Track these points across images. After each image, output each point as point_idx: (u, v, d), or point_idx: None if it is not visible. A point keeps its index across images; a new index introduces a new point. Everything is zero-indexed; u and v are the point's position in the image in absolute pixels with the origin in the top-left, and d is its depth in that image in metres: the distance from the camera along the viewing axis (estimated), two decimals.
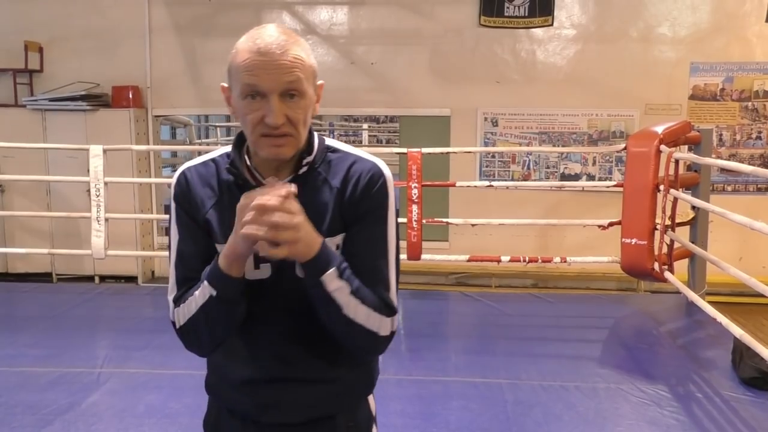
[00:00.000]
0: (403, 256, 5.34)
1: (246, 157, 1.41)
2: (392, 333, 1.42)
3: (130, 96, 6.79)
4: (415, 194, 5.20)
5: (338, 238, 1.39)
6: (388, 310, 1.40)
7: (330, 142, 1.47)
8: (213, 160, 1.46)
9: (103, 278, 6.74)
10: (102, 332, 4.52)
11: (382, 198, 1.42)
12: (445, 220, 5.68)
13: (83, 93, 6.67)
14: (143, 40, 6.84)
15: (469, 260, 5.49)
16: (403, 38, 6.77)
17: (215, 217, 1.40)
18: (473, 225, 5.66)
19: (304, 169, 1.40)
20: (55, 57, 6.99)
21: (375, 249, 1.41)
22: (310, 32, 6.79)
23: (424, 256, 5.32)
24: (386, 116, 12.92)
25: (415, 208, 5.21)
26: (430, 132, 6.73)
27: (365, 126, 15.11)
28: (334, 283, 1.31)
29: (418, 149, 5.24)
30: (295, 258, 1.29)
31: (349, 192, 1.40)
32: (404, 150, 5.40)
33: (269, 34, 1.33)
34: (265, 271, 1.41)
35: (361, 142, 15.39)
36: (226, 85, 1.40)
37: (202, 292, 1.35)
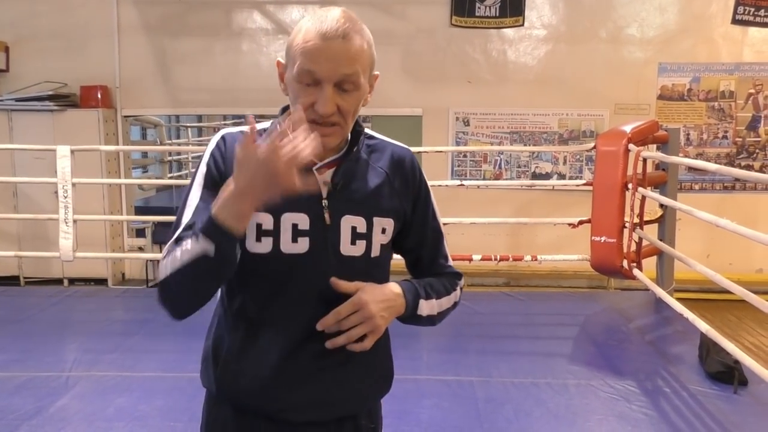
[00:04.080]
0: None
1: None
2: (462, 288, 1.60)
3: (99, 96, 6.69)
4: None
5: (386, 222, 1.42)
6: (456, 278, 1.59)
7: (365, 129, 1.48)
8: (252, 130, 1.28)
9: (72, 281, 6.64)
10: (71, 336, 4.46)
11: (425, 181, 1.53)
12: None
13: (51, 93, 6.57)
14: (112, 39, 6.75)
15: None
16: (375, 38, 6.67)
17: None
18: (444, 224, 5.66)
19: (355, 149, 1.41)
20: (22, 56, 6.87)
21: (434, 230, 1.56)
22: (281, 32, 6.77)
23: (396, 256, 5.31)
24: (359, 116, 12.94)
25: None
26: (402, 132, 6.73)
27: None
28: (425, 308, 1.45)
29: None
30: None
31: (400, 177, 1.46)
32: None
33: (335, 18, 1.28)
34: (302, 245, 1.35)
35: None
36: (282, 60, 1.37)
37: (196, 246, 1.22)
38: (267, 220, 1.34)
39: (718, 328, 3.89)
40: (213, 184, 1.34)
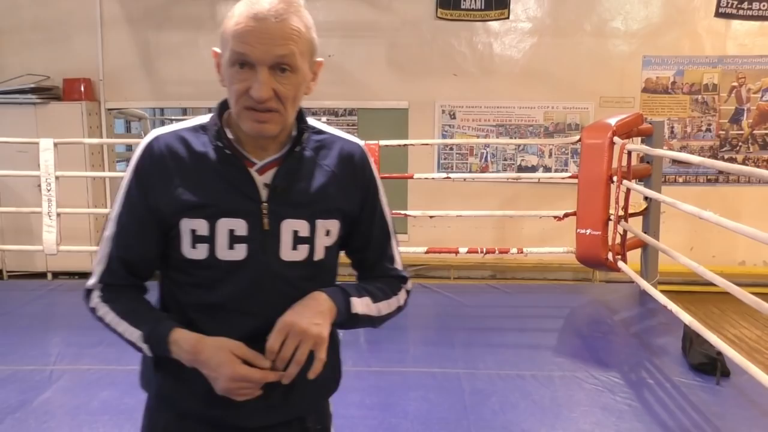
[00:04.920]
0: None
1: (226, 130, 1.32)
2: (409, 292, 1.53)
3: (82, 89, 6.64)
4: None
5: (330, 223, 1.36)
6: (400, 281, 1.51)
7: (312, 122, 1.40)
8: (187, 129, 1.34)
9: (56, 275, 6.59)
10: (54, 329, 4.41)
11: (375, 178, 1.46)
12: (403, 212, 5.69)
13: (33, 86, 6.51)
14: (95, 31, 6.69)
15: (427, 252, 5.51)
16: (360, 31, 6.75)
17: (187, 193, 1.29)
18: (431, 217, 5.69)
19: (296, 148, 1.33)
20: (4, 49, 6.79)
21: (382, 230, 1.48)
22: None
23: None
24: (344, 109, 12.90)
25: None
26: (388, 125, 6.74)
27: (324, 119, 15.04)
28: (359, 306, 1.38)
29: (376, 141, 5.24)
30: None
31: (348, 174, 1.39)
32: (362, 142, 5.38)
33: (269, 0, 1.23)
34: (240, 252, 1.30)
35: None
36: (218, 50, 1.30)
37: (138, 340, 1.31)
38: (202, 226, 1.29)
39: (701, 320, 3.92)
40: (140, 193, 1.32)
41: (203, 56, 6.72)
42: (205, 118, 1.36)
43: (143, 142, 1.34)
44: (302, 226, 1.33)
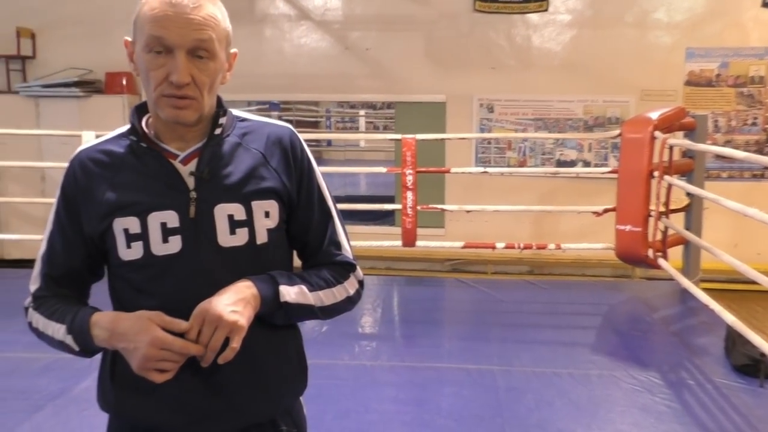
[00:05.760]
0: (397, 243, 5.36)
1: (145, 129, 1.32)
2: (361, 282, 1.44)
3: (124, 82, 6.75)
4: (409, 181, 5.19)
5: (267, 204, 1.32)
6: (347, 268, 1.42)
7: (236, 112, 1.40)
8: (108, 140, 1.35)
9: None
10: None
11: (308, 159, 1.41)
12: (439, 206, 5.66)
13: (76, 79, 6.64)
14: None
15: (464, 247, 5.48)
16: (397, 24, 6.73)
17: (114, 194, 1.28)
18: (468, 211, 5.66)
19: (218, 130, 1.32)
20: (48, 43, 6.94)
21: (322, 212, 1.41)
22: (304, 18, 6.75)
23: (419, 243, 5.32)
24: (383, 103, 12.89)
25: (409, 194, 5.20)
26: (426, 118, 6.71)
27: (362, 112, 15.05)
28: (291, 295, 1.31)
29: (413, 136, 5.22)
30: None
31: (278, 156, 1.35)
32: (399, 136, 5.38)
33: None
34: (175, 244, 1.27)
35: (357, 128, 15.37)
36: (129, 39, 1.29)
37: (63, 335, 1.29)
38: (133, 224, 1.27)
39: (744, 319, 3.82)
40: (67, 212, 1.34)
41: (241, 50, 6.66)
42: (125, 127, 1.36)
43: (70, 160, 1.36)
44: (237, 210, 1.29)
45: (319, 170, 1.42)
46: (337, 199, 1.49)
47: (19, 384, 3.35)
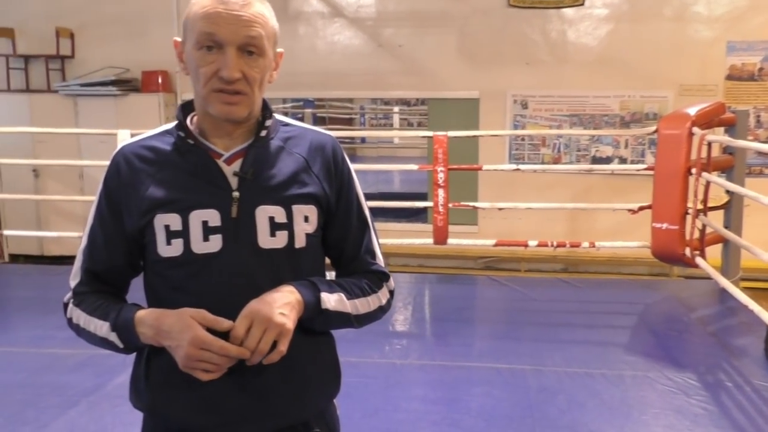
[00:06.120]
0: (429, 241, 5.33)
1: (191, 127, 1.33)
2: (392, 292, 1.45)
3: (160, 81, 6.84)
4: (441, 178, 5.16)
5: (307, 209, 1.32)
6: (381, 277, 1.43)
7: (280, 116, 1.41)
8: (152, 137, 1.36)
9: None
10: None
11: (348, 167, 1.42)
12: (471, 203, 5.62)
13: (113, 78, 6.75)
14: (172, 24, 6.84)
15: (496, 245, 5.43)
16: (430, 20, 6.69)
17: (158, 190, 1.29)
18: (500, 209, 5.60)
19: (263, 132, 1.32)
20: (86, 43, 7.07)
21: (360, 221, 1.43)
22: (337, 15, 6.76)
23: (451, 241, 5.29)
24: (417, 99, 12.86)
25: (441, 192, 5.16)
26: (459, 115, 6.67)
27: (396, 109, 15.03)
28: (331, 302, 1.32)
29: (444, 133, 5.19)
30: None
31: (320, 162, 1.36)
32: (430, 133, 5.36)
33: None
34: (215, 243, 1.27)
35: (392, 124, 15.36)
36: (179, 39, 1.32)
37: (107, 332, 1.29)
38: (175, 221, 1.27)
39: None
40: (108, 206, 1.34)
41: None
42: (170, 124, 1.37)
43: (113, 156, 1.36)
44: (278, 212, 1.29)
45: (358, 181, 1.44)
46: (370, 197, 1.49)
47: (54, 380, 3.41)
